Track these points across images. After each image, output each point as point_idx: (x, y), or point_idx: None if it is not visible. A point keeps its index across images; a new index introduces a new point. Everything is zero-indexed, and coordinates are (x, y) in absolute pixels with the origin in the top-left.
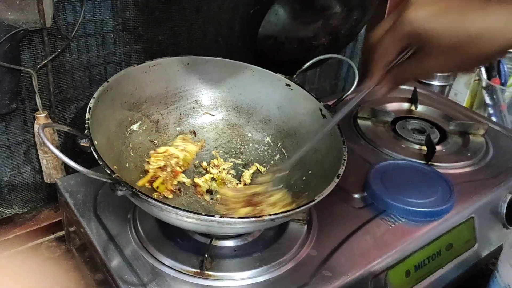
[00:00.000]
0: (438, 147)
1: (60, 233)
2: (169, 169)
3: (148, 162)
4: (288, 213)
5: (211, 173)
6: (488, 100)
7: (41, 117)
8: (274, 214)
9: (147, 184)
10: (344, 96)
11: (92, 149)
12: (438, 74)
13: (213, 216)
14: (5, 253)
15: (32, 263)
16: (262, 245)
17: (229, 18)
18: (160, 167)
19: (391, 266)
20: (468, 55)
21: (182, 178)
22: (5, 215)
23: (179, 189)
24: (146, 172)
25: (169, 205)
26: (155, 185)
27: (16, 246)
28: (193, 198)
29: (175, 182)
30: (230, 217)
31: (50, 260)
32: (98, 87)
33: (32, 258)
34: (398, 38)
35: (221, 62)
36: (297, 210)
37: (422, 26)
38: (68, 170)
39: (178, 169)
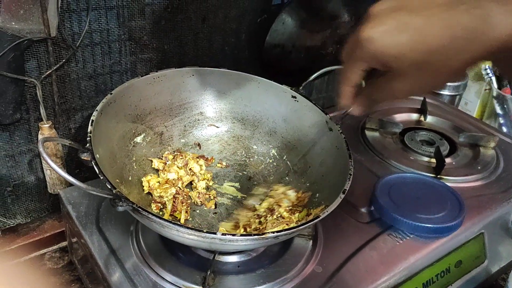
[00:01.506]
0: (447, 160)
1: (64, 244)
2: (180, 198)
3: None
4: (292, 230)
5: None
6: (498, 109)
7: (45, 128)
8: (277, 232)
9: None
10: (350, 110)
11: (93, 163)
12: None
13: (215, 233)
14: (8, 263)
15: (35, 274)
16: (267, 261)
17: (235, 27)
18: (173, 195)
19: (398, 284)
20: (439, 71)
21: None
22: (9, 225)
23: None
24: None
25: (170, 222)
26: (178, 216)
27: (19, 256)
28: (198, 212)
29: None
30: (232, 235)
31: (53, 271)
32: (103, 97)
33: (35, 269)
34: (358, 62)
35: (227, 73)
36: (302, 227)
37: (379, 47)
38: None
39: (187, 189)
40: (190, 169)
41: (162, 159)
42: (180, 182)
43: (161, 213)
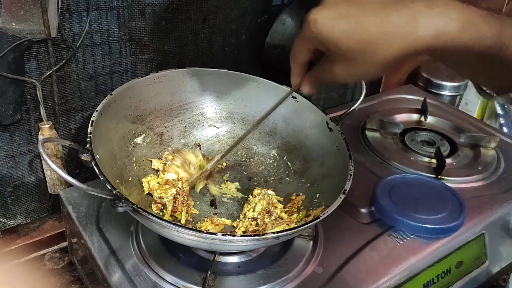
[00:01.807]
0: (448, 160)
1: (64, 244)
2: (181, 198)
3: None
4: (292, 230)
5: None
6: (499, 110)
7: (45, 128)
8: (277, 232)
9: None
10: (350, 109)
11: (93, 164)
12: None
13: (215, 234)
14: (8, 264)
15: (35, 274)
16: (267, 261)
17: (236, 27)
18: (173, 196)
19: (399, 285)
20: (370, 61)
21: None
22: (9, 225)
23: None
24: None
25: (170, 222)
26: (179, 217)
27: (19, 257)
28: (199, 211)
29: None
30: (232, 235)
31: (53, 271)
32: (103, 97)
33: (35, 270)
34: (304, 41)
35: (227, 74)
36: (302, 227)
37: (320, 29)
38: None
39: (187, 188)
40: (188, 163)
41: (162, 159)
42: (180, 183)
43: (161, 213)
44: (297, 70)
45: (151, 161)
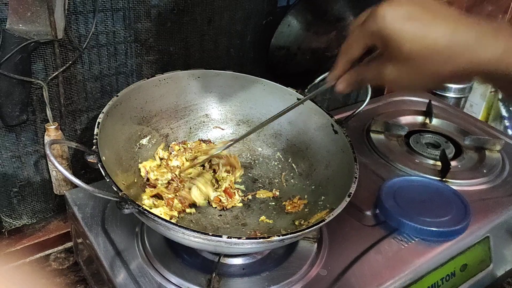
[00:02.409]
0: (453, 163)
1: (69, 244)
2: (174, 184)
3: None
4: (297, 233)
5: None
6: (504, 112)
7: (51, 129)
8: (283, 235)
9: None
10: (356, 112)
11: (99, 166)
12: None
13: (221, 236)
14: (13, 264)
15: (40, 274)
16: (272, 263)
17: (241, 29)
18: (168, 181)
19: None
20: (429, 70)
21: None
22: (14, 225)
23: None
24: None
25: (176, 224)
26: (175, 208)
27: (25, 257)
28: (202, 213)
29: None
30: (238, 238)
31: (58, 271)
32: (109, 98)
33: (40, 270)
34: (364, 34)
35: (232, 76)
36: (307, 230)
37: (387, 25)
38: None
39: (185, 177)
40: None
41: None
42: (178, 170)
43: (156, 203)
44: (343, 63)
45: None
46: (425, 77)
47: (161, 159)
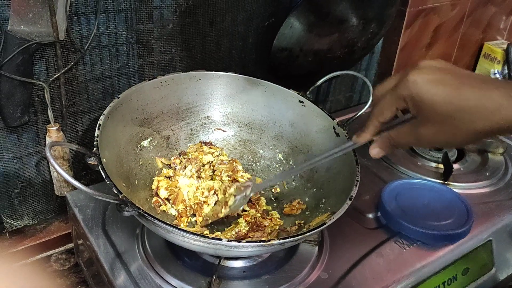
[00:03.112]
0: (455, 166)
1: (70, 245)
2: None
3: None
4: (297, 237)
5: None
6: None
7: (53, 130)
8: (283, 238)
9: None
10: (358, 114)
11: (100, 168)
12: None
13: (221, 239)
14: (14, 264)
15: (41, 275)
16: (272, 266)
17: (243, 30)
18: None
19: None
20: (459, 130)
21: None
22: (16, 226)
23: None
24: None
25: (176, 227)
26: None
27: (26, 257)
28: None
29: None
30: (238, 241)
31: (59, 272)
32: (110, 99)
33: (41, 270)
34: (396, 97)
35: (233, 77)
36: (308, 234)
37: (420, 90)
38: None
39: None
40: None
41: (171, 167)
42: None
43: (162, 206)
44: (374, 126)
45: (160, 161)
46: (461, 135)
47: (167, 177)
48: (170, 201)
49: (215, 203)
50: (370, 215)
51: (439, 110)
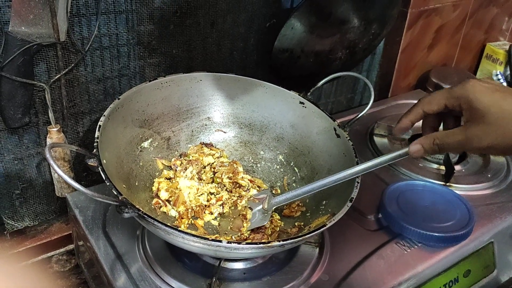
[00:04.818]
0: (457, 167)
1: (71, 246)
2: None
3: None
4: (298, 238)
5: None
6: None
7: (54, 131)
8: (283, 240)
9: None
10: (359, 116)
11: (100, 169)
12: None
13: (221, 241)
14: (15, 265)
15: (42, 276)
16: (273, 268)
17: (244, 31)
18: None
19: None
20: (508, 130)
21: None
22: (16, 227)
23: None
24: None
25: (176, 229)
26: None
27: (27, 258)
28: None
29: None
30: (238, 243)
31: (60, 274)
32: (111, 100)
33: (42, 272)
34: (449, 95)
35: (234, 79)
36: (308, 235)
37: (476, 92)
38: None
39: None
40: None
41: (171, 167)
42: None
43: (163, 207)
44: (417, 113)
45: (160, 163)
46: (510, 136)
47: (168, 178)
48: (171, 203)
49: (220, 215)
50: (371, 217)
51: (492, 111)
